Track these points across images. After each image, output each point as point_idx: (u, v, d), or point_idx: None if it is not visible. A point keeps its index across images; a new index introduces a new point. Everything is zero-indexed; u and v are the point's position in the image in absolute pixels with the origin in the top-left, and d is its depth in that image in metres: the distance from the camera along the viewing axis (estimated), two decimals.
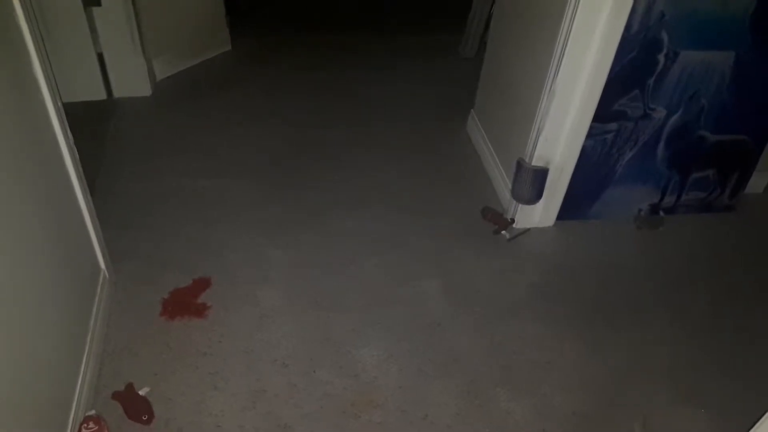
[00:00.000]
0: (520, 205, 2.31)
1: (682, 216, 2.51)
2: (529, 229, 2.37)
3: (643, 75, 2.06)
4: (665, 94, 2.12)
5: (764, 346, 1.94)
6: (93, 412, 1.51)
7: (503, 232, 2.33)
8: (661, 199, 2.46)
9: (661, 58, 2.03)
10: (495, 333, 1.92)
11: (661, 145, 2.27)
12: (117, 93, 3.17)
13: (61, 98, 1.60)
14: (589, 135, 2.14)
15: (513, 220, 2.35)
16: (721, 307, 2.10)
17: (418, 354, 1.83)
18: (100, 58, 3.04)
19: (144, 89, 3.21)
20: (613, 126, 2.16)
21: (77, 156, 1.69)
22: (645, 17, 1.90)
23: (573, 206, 2.36)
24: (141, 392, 1.60)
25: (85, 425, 1.44)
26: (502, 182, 2.50)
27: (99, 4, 2.85)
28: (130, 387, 1.61)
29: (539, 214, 2.35)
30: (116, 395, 1.59)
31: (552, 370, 1.82)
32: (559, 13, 1.90)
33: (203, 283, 1.99)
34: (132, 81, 3.16)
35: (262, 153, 2.79)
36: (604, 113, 2.09)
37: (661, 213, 2.48)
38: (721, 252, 2.38)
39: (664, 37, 1.98)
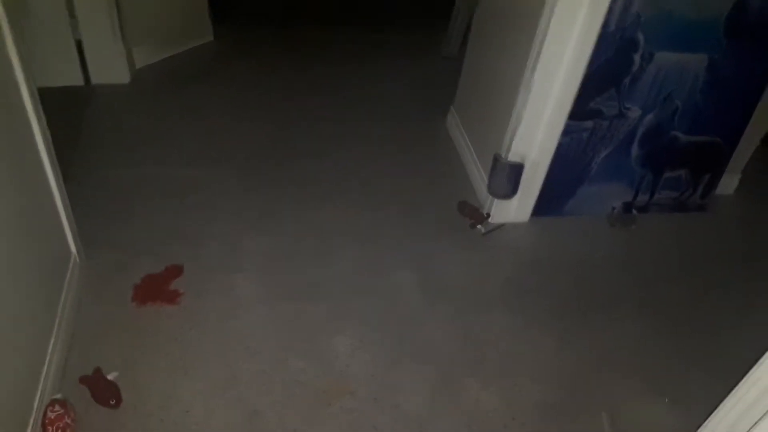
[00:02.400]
0: (496, 201, 2.33)
1: (654, 215, 2.56)
2: (504, 224, 2.39)
3: (619, 74, 2.10)
4: (640, 94, 2.16)
5: (730, 339, 1.98)
6: (59, 395, 1.49)
7: (479, 226, 2.35)
8: (635, 197, 2.50)
9: (637, 58, 2.06)
10: (468, 325, 1.93)
11: (635, 144, 2.31)
12: (95, 79, 3.12)
13: (35, 81, 1.57)
14: (565, 132, 2.16)
15: (488, 215, 2.37)
16: (689, 303, 2.14)
17: (392, 344, 1.84)
18: (79, 43, 3.00)
19: (123, 76, 3.17)
20: (589, 124, 2.20)
21: (50, 139, 1.67)
22: (621, 18, 1.94)
23: (548, 202, 2.39)
24: (109, 377, 1.59)
25: (51, 408, 1.42)
26: (480, 178, 2.52)
27: None
28: (97, 371, 1.59)
29: (514, 210, 2.37)
30: (83, 379, 1.57)
31: (523, 361, 1.84)
32: (537, 12, 1.93)
33: (175, 271, 1.97)
34: (110, 68, 3.11)
35: (241, 144, 2.77)
36: (580, 111, 2.12)
37: (634, 211, 2.52)
38: (691, 251, 2.42)
39: (640, 37, 2.01)
